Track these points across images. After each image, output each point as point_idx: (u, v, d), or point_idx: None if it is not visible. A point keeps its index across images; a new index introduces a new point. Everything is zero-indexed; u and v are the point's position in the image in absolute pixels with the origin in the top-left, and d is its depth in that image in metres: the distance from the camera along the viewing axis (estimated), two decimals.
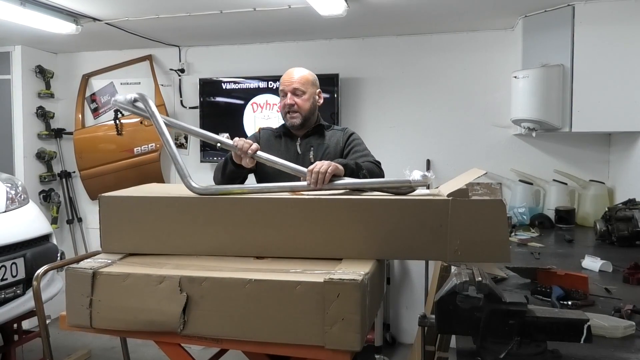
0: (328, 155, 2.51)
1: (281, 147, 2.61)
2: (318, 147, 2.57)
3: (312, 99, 2.60)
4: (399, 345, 4.38)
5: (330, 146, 2.57)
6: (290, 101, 2.55)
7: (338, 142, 2.59)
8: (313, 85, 2.63)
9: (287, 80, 2.58)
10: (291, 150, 2.58)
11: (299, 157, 2.55)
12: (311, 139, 2.61)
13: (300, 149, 2.58)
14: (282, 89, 2.59)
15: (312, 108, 2.61)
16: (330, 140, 2.60)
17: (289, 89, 2.56)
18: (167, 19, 3.75)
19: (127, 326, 1.70)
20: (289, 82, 2.57)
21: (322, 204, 1.78)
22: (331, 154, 2.53)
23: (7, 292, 3.02)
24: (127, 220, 1.89)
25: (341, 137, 2.61)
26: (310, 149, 2.56)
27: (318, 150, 2.56)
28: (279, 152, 2.55)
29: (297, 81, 2.57)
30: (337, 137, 2.62)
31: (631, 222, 2.87)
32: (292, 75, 2.59)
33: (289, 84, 2.57)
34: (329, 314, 1.50)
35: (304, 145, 2.59)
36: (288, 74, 2.61)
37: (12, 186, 3.41)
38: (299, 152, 2.57)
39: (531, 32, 3.68)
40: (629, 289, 2.06)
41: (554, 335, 1.32)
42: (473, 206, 1.70)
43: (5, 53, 4.75)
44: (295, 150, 2.58)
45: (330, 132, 2.65)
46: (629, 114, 3.33)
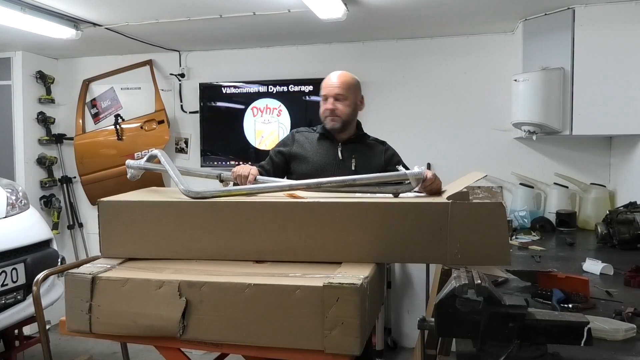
0: (371, 165, 2.51)
1: (321, 149, 2.59)
2: (360, 156, 2.55)
3: (354, 105, 2.58)
4: (400, 349, 4.36)
5: (373, 157, 2.57)
6: (331, 106, 2.53)
7: (380, 155, 2.59)
8: (356, 90, 2.61)
9: (330, 85, 2.57)
10: (332, 154, 2.57)
11: (339, 162, 2.54)
12: (353, 147, 2.58)
13: (342, 155, 2.56)
14: (324, 94, 2.57)
15: (353, 114, 2.59)
16: (372, 151, 2.60)
17: (331, 93, 2.55)
18: (167, 23, 3.76)
19: (126, 331, 1.69)
20: (331, 86, 2.56)
21: (322, 207, 1.78)
22: (374, 165, 2.53)
23: (7, 297, 3.02)
24: (127, 225, 1.88)
25: (382, 151, 2.61)
26: (352, 157, 2.54)
27: (360, 159, 2.54)
28: (317, 154, 2.57)
29: (339, 86, 2.56)
30: (379, 150, 2.62)
31: (632, 225, 2.87)
32: (334, 80, 2.58)
33: (331, 88, 2.56)
34: (329, 318, 1.50)
35: (345, 152, 2.56)
36: (330, 77, 2.60)
37: (13, 192, 3.41)
38: (340, 158, 2.55)
39: (531, 36, 3.68)
40: (630, 292, 2.06)
41: (554, 338, 1.31)
42: (473, 209, 1.70)
43: (6, 59, 4.76)
44: (336, 155, 2.56)
45: (372, 142, 2.65)
46: (629, 117, 3.32)
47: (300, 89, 4.44)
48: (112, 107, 5.00)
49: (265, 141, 4.51)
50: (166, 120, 4.71)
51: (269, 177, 2.22)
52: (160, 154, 2.16)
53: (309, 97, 4.42)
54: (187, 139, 4.86)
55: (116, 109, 4.96)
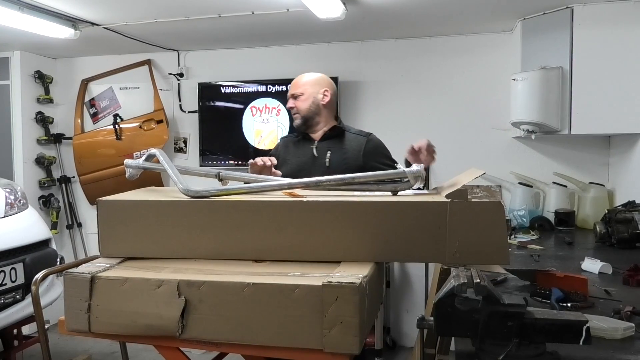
0: (347, 160, 2.46)
1: (299, 150, 2.59)
2: (336, 151, 2.50)
3: (312, 98, 2.55)
4: (399, 348, 4.37)
5: (350, 151, 2.50)
6: (289, 105, 2.58)
7: (360, 147, 2.52)
8: (314, 85, 2.58)
9: (293, 85, 2.62)
10: (308, 152, 2.54)
11: (315, 160, 2.51)
12: (329, 142, 2.54)
13: (317, 152, 2.53)
14: (289, 95, 2.61)
15: (313, 107, 2.55)
16: (350, 145, 2.53)
17: (290, 94, 2.60)
18: (165, 23, 3.76)
19: (125, 330, 1.69)
20: (293, 85, 2.61)
21: (321, 206, 1.78)
22: (350, 159, 2.47)
23: (6, 297, 3.02)
24: (125, 224, 1.88)
25: (363, 143, 2.53)
26: (327, 153, 2.50)
27: (335, 154, 2.49)
28: (295, 155, 2.57)
29: (294, 85, 2.59)
30: (359, 142, 2.54)
31: (631, 224, 2.87)
32: (298, 80, 2.62)
33: (292, 87, 2.60)
34: (328, 317, 1.50)
35: (320, 149, 2.53)
36: (297, 78, 2.64)
37: (12, 191, 3.41)
38: (315, 155, 2.52)
39: (530, 35, 3.68)
40: (628, 291, 2.06)
41: (553, 337, 1.31)
42: (471, 208, 1.69)
43: (4, 58, 4.76)
44: (312, 154, 2.53)
45: (353, 136, 2.58)
46: (628, 116, 3.33)
47: None
48: (110, 107, 5.00)
49: (264, 141, 4.51)
50: (165, 119, 4.71)
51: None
52: (159, 153, 2.15)
53: None
54: (186, 138, 4.86)
55: (115, 109, 4.96)
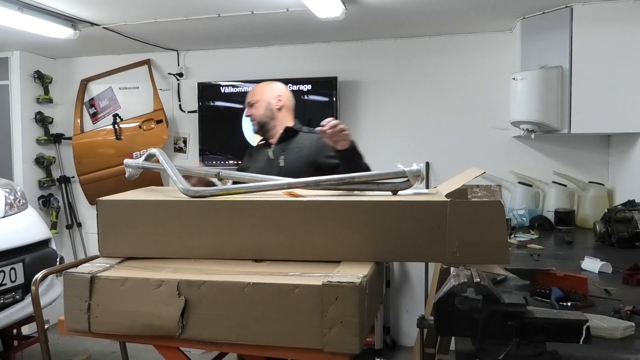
0: (300, 158, 2.57)
1: (258, 156, 2.74)
2: (289, 150, 2.62)
3: (266, 104, 2.69)
4: (399, 348, 4.37)
5: (303, 149, 2.60)
6: (247, 113, 2.74)
7: (312, 144, 2.60)
8: (267, 92, 2.74)
9: (249, 94, 2.76)
10: (265, 157, 2.68)
11: (271, 162, 2.63)
12: (284, 144, 2.67)
13: (273, 155, 2.66)
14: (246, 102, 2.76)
15: (267, 113, 2.69)
16: (303, 143, 2.63)
17: (246, 103, 2.75)
18: (165, 23, 3.76)
19: (125, 330, 1.69)
20: (249, 94, 2.76)
21: (320, 206, 1.78)
22: (303, 157, 2.57)
23: (6, 297, 3.02)
24: (125, 224, 1.88)
25: (315, 140, 2.60)
26: (281, 154, 2.62)
27: (288, 154, 2.61)
28: (255, 161, 2.71)
29: (251, 94, 2.75)
30: (312, 141, 2.61)
31: (631, 224, 2.87)
32: (254, 89, 2.78)
33: (249, 96, 2.75)
34: (328, 317, 1.50)
35: (276, 151, 2.66)
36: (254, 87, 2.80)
37: (11, 191, 3.41)
38: (270, 158, 2.65)
39: (529, 34, 3.68)
40: (628, 290, 2.06)
41: (553, 337, 1.31)
42: (471, 207, 1.70)
43: (4, 59, 4.76)
44: (268, 157, 2.67)
45: (306, 135, 2.68)
46: (628, 115, 3.33)
47: (298, 88, 4.43)
48: (110, 107, 5.00)
49: None
50: (165, 119, 4.71)
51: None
52: (159, 153, 2.15)
53: (308, 97, 4.42)
54: (185, 138, 4.86)
55: (114, 109, 4.96)
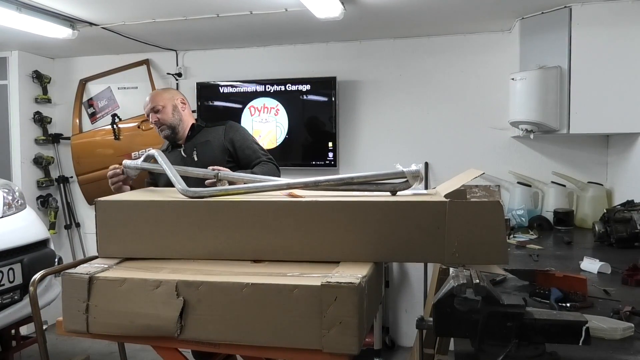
0: (211, 150, 2.74)
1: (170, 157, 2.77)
2: (200, 146, 2.77)
3: (172, 107, 2.81)
4: (398, 348, 4.37)
5: (212, 141, 2.77)
6: (154, 119, 2.78)
7: (219, 136, 2.78)
8: (170, 97, 2.85)
9: (146, 106, 2.82)
10: (177, 156, 2.77)
11: (185, 160, 2.74)
12: (193, 141, 2.81)
13: (185, 153, 2.79)
14: (147, 113, 2.82)
15: (176, 115, 2.81)
16: (211, 135, 2.80)
17: (150, 110, 2.79)
18: (163, 23, 3.76)
19: (124, 331, 1.69)
20: (147, 105, 2.81)
21: (319, 206, 1.78)
22: (214, 147, 2.75)
23: (4, 297, 3.01)
24: (124, 225, 1.88)
25: (222, 131, 2.80)
26: (193, 150, 2.77)
27: (200, 148, 2.77)
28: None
29: (151, 101, 2.80)
30: (219, 132, 2.81)
31: (629, 224, 2.87)
32: (147, 100, 2.83)
33: (147, 108, 2.81)
34: (327, 317, 1.49)
35: (188, 149, 2.80)
36: (145, 100, 2.84)
37: (9, 192, 3.40)
38: (184, 156, 2.77)
39: (528, 34, 3.68)
40: (627, 291, 2.06)
41: (552, 337, 1.31)
42: (470, 208, 1.69)
43: (2, 58, 4.75)
44: (181, 156, 2.77)
45: (212, 129, 2.85)
46: (627, 115, 3.33)
47: (297, 88, 4.44)
48: (109, 107, 4.99)
49: (262, 140, 4.50)
50: None
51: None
52: (158, 154, 2.15)
53: (307, 96, 4.42)
54: None
55: (113, 109, 4.96)
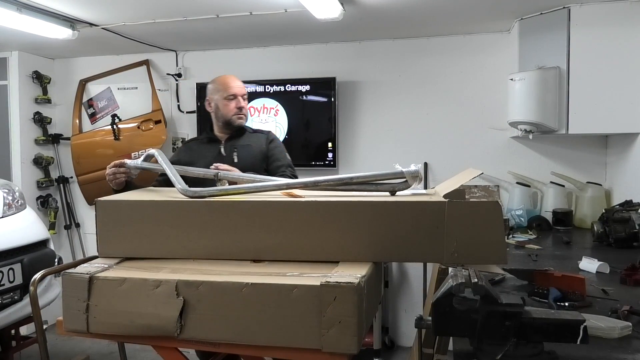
0: (252, 155, 2.72)
1: (205, 151, 2.78)
2: (242, 148, 2.75)
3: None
4: (397, 348, 4.37)
5: (253, 146, 2.77)
6: (243, 104, 2.79)
7: (262, 144, 2.78)
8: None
9: (238, 86, 2.81)
10: (215, 153, 2.75)
11: (222, 158, 2.71)
12: (235, 141, 2.79)
13: (225, 151, 2.77)
14: (233, 93, 2.78)
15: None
16: (254, 142, 2.79)
17: (240, 93, 2.80)
18: (163, 23, 3.76)
19: (124, 331, 1.69)
20: (239, 87, 2.81)
21: (319, 206, 1.78)
22: (255, 153, 2.74)
23: (4, 297, 3.01)
24: (124, 225, 1.88)
25: (264, 139, 2.81)
26: (234, 151, 2.74)
27: (241, 151, 2.75)
28: (202, 156, 2.75)
29: (243, 87, 2.83)
30: (261, 140, 2.81)
31: (628, 224, 2.87)
32: (238, 82, 2.83)
33: (239, 89, 2.80)
34: (326, 317, 1.50)
35: (228, 148, 2.78)
36: (232, 79, 2.84)
37: (9, 192, 3.41)
38: (223, 154, 2.75)
39: (527, 35, 3.69)
40: (626, 290, 2.07)
41: (551, 337, 1.32)
42: (469, 208, 1.70)
43: (2, 59, 4.76)
44: (219, 153, 2.75)
45: (254, 135, 2.85)
46: (625, 116, 3.33)
47: (297, 89, 4.44)
48: (109, 107, 4.99)
49: None
50: (163, 120, 4.70)
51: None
52: (157, 154, 2.16)
53: (307, 97, 4.43)
54: (184, 138, 4.85)
55: (113, 109, 4.96)
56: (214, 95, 2.81)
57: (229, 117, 2.77)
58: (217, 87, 2.82)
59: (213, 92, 2.83)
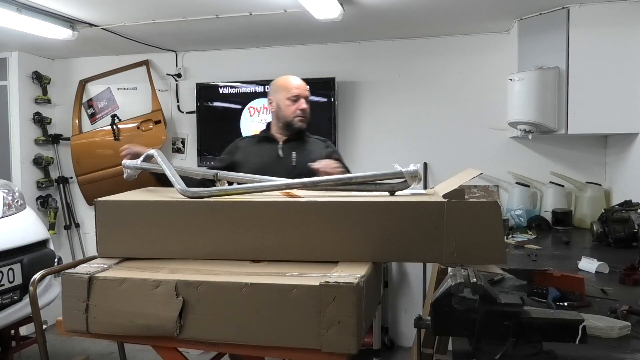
0: (311, 158, 2.61)
1: (262, 150, 2.72)
2: (300, 152, 2.68)
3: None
4: (397, 348, 4.37)
5: (313, 152, 2.68)
6: (305, 106, 2.71)
7: (320, 151, 2.71)
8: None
9: (300, 87, 2.73)
10: (272, 153, 2.70)
11: (280, 160, 2.67)
12: (293, 144, 2.72)
13: (282, 153, 2.70)
14: (296, 94, 2.70)
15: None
16: (312, 147, 2.73)
17: (303, 95, 2.72)
18: (163, 23, 3.76)
19: (123, 331, 1.69)
20: (302, 89, 2.73)
21: (318, 206, 1.78)
22: (314, 158, 2.61)
23: (4, 298, 3.01)
24: (123, 225, 1.88)
25: (323, 148, 2.76)
26: (292, 154, 2.67)
27: (300, 154, 2.67)
28: (258, 156, 2.69)
29: (306, 89, 2.74)
30: (320, 146, 2.76)
31: (627, 224, 2.88)
32: (301, 83, 2.74)
33: (302, 91, 2.73)
34: (325, 317, 1.50)
35: (286, 150, 2.71)
36: (295, 80, 2.75)
37: (9, 192, 3.41)
38: (280, 156, 2.69)
39: (526, 35, 3.69)
40: (625, 290, 2.07)
41: (549, 336, 1.32)
42: (468, 208, 1.70)
43: (2, 59, 4.76)
44: (277, 154, 2.69)
45: (312, 140, 2.79)
46: (624, 116, 3.34)
47: None
48: (108, 108, 5.00)
49: None
50: (163, 120, 4.71)
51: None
52: (157, 154, 2.16)
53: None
54: (184, 139, 4.86)
55: (113, 109, 4.96)
56: (276, 95, 2.75)
57: (290, 119, 2.70)
58: (279, 87, 2.76)
59: (275, 92, 2.76)
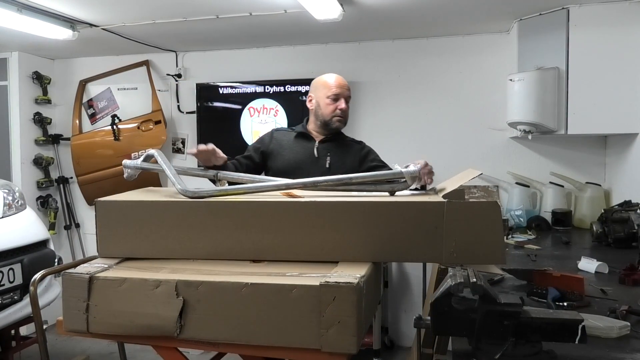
0: (345, 163, 2.57)
1: (298, 147, 2.65)
2: (335, 154, 2.61)
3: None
4: (397, 348, 4.37)
5: (348, 156, 2.63)
6: (344, 107, 2.64)
7: (356, 153, 2.66)
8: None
9: (342, 86, 2.65)
10: (307, 151, 2.63)
11: (314, 160, 2.60)
12: (329, 145, 2.65)
13: (317, 153, 2.62)
14: (337, 93, 2.63)
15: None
16: (347, 150, 2.66)
17: (345, 95, 2.65)
18: (163, 24, 3.76)
19: (123, 331, 1.70)
20: (343, 88, 2.66)
21: (318, 206, 1.79)
22: (347, 163, 2.58)
23: (4, 298, 3.02)
24: (124, 225, 1.88)
25: (358, 150, 2.68)
26: (327, 155, 2.60)
27: (334, 157, 2.60)
28: (293, 152, 2.63)
29: (348, 89, 2.67)
30: (355, 149, 2.68)
31: (627, 224, 2.88)
32: (343, 82, 2.67)
33: (343, 90, 2.65)
34: (325, 317, 1.50)
35: (321, 150, 2.63)
36: (338, 78, 2.67)
37: (9, 192, 3.41)
38: (315, 155, 2.61)
39: (526, 35, 3.70)
40: (624, 290, 2.07)
41: (549, 336, 1.32)
42: (468, 208, 1.71)
43: (2, 59, 4.76)
44: (312, 153, 2.62)
45: (350, 143, 2.72)
46: (624, 116, 3.34)
47: (296, 89, 4.44)
48: (108, 108, 5.00)
49: None
50: (163, 120, 4.71)
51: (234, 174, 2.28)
52: (157, 154, 2.16)
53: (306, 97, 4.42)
54: (184, 139, 4.86)
55: (113, 110, 4.96)
56: (316, 93, 2.67)
57: (328, 118, 2.63)
58: (320, 84, 2.68)
59: (315, 89, 2.69)
